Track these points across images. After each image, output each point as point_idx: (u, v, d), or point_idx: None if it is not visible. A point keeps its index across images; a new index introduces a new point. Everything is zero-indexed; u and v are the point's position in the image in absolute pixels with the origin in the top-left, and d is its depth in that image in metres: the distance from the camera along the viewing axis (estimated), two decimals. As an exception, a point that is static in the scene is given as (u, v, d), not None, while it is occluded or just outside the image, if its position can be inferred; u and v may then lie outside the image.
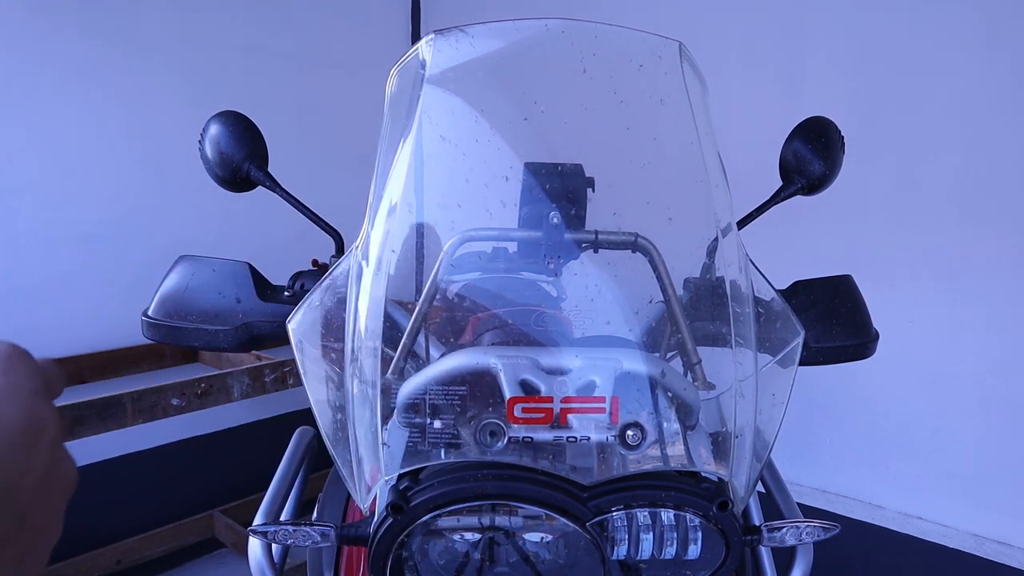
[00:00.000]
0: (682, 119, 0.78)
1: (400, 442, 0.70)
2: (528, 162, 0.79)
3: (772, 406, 0.77)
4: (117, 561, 2.32)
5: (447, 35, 0.77)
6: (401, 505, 0.65)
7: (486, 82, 0.79)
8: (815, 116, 0.98)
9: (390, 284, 0.73)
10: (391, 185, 0.75)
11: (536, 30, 0.79)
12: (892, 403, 2.08)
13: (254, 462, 2.67)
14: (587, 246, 0.79)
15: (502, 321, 0.80)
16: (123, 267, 2.35)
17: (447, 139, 0.77)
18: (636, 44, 0.80)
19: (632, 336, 0.76)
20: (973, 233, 1.90)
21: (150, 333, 0.89)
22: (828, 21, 2.08)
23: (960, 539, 1.98)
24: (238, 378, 2.08)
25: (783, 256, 2.13)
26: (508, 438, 0.68)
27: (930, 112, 1.93)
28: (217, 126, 0.93)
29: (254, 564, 0.83)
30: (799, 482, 2.26)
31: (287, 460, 1.01)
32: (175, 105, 2.42)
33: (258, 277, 0.90)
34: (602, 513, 0.67)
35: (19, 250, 2.13)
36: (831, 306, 0.92)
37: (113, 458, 2.36)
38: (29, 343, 0.41)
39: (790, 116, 1.03)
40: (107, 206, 2.31)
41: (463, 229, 0.76)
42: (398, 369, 0.73)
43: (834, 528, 0.74)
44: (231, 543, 2.50)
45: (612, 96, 0.80)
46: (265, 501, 0.91)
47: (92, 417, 1.77)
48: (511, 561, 0.70)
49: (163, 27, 2.39)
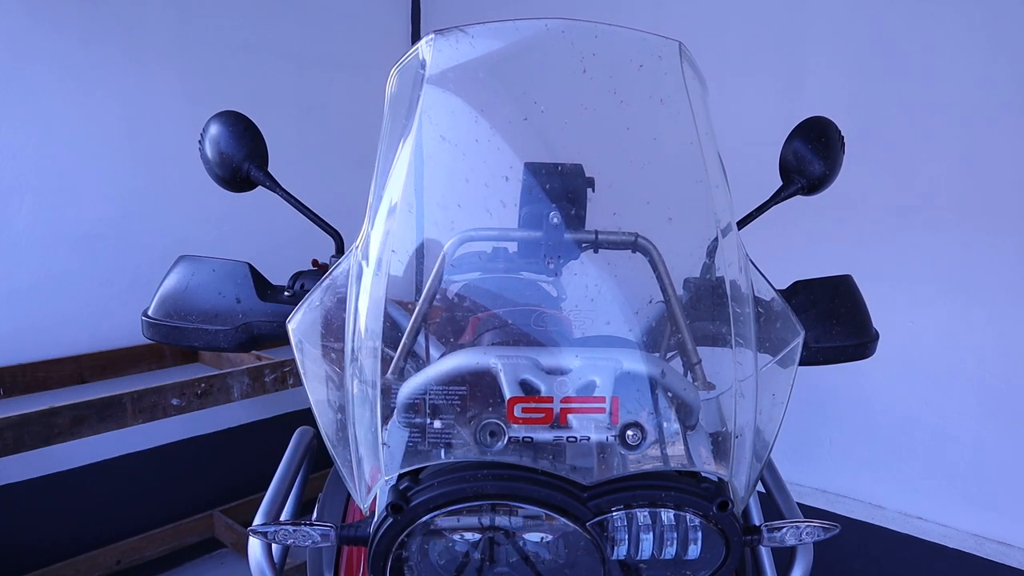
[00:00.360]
0: (682, 119, 0.78)
1: (400, 442, 0.70)
2: (528, 162, 0.78)
3: (772, 406, 0.77)
4: (117, 561, 2.32)
5: (447, 35, 0.77)
6: (401, 505, 0.65)
7: (486, 82, 0.79)
8: (815, 116, 0.98)
9: (390, 284, 0.73)
10: (391, 185, 0.75)
11: (536, 30, 0.79)
12: (892, 403, 2.08)
13: (254, 462, 2.68)
14: (587, 246, 0.79)
15: (502, 321, 0.80)
16: (123, 267, 2.35)
17: (447, 139, 0.77)
18: (636, 44, 0.80)
19: (632, 336, 0.76)
20: (973, 233, 1.90)
21: (150, 333, 0.89)
22: (828, 21, 2.08)
23: (960, 539, 1.98)
24: (238, 378, 2.08)
25: (783, 256, 2.13)
26: (508, 438, 0.68)
27: (930, 112, 1.93)
28: (217, 126, 0.93)
29: (254, 564, 0.83)
30: (799, 482, 2.26)
31: (287, 460, 1.01)
32: (175, 105, 2.42)
33: (258, 277, 0.90)
34: (602, 513, 0.67)
35: (19, 250, 2.13)
36: (831, 306, 0.93)
37: (113, 458, 2.37)
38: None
39: (790, 116, 1.03)
40: (107, 206, 2.31)
41: (463, 229, 0.76)
42: (398, 369, 0.73)
43: (834, 528, 0.74)
44: (231, 543, 2.50)
45: (612, 96, 0.80)
46: (265, 501, 0.91)
47: (92, 417, 1.77)
48: (511, 561, 0.70)
49: (163, 27, 2.39)
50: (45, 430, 1.69)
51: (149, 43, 2.36)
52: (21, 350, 2.13)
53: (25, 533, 2.19)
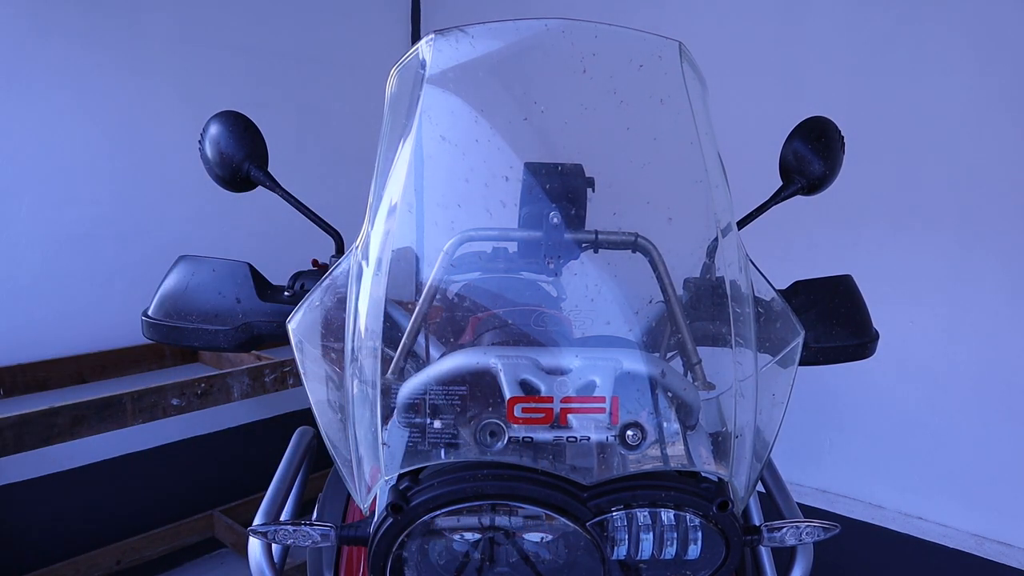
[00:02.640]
0: (682, 119, 0.78)
1: (400, 442, 0.70)
2: (528, 162, 0.78)
3: (772, 406, 0.77)
4: (117, 561, 2.32)
5: (447, 35, 0.77)
6: (401, 505, 0.65)
7: (486, 82, 0.79)
8: (815, 116, 0.98)
9: (390, 284, 0.73)
10: (391, 185, 0.75)
11: (536, 30, 0.78)
12: (892, 403, 2.08)
13: (254, 462, 2.68)
14: (587, 246, 0.79)
15: (502, 321, 0.79)
16: (123, 267, 2.35)
17: (447, 139, 0.77)
18: (636, 44, 0.80)
19: (632, 336, 0.76)
20: (973, 233, 1.90)
21: (150, 333, 0.89)
22: (828, 21, 2.08)
23: (960, 539, 1.98)
24: (238, 378, 2.08)
25: (783, 256, 2.13)
26: (508, 438, 0.68)
27: (930, 112, 1.93)
28: (217, 126, 0.93)
29: (254, 564, 0.83)
30: (799, 482, 2.26)
31: (287, 460, 1.01)
32: (175, 105, 2.42)
33: (258, 277, 0.90)
34: (602, 513, 0.67)
35: (19, 250, 2.13)
36: (831, 306, 0.92)
37: (113, 458, 2.37)
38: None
39: (790, 116, 1.03)
40: (107, 206, 2.31)
41: (463, 229, 0.76)
42: (398, 369, 0.73)
43: (834, 528, 0.74)
44: (231, 543, 2.50)
45: (612, 96, 0.80)
46: (265, 501, 0.91)
47: (92, 417, 1.77)
48: (511, 561, 0.70)
49: (163, 27, 2.39)
50: (45, 430, 1.69)
51: (149, 43, 2.36)
52: (21, 350, 2.13)
53: (25, 533, 2.19)
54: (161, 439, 2.48)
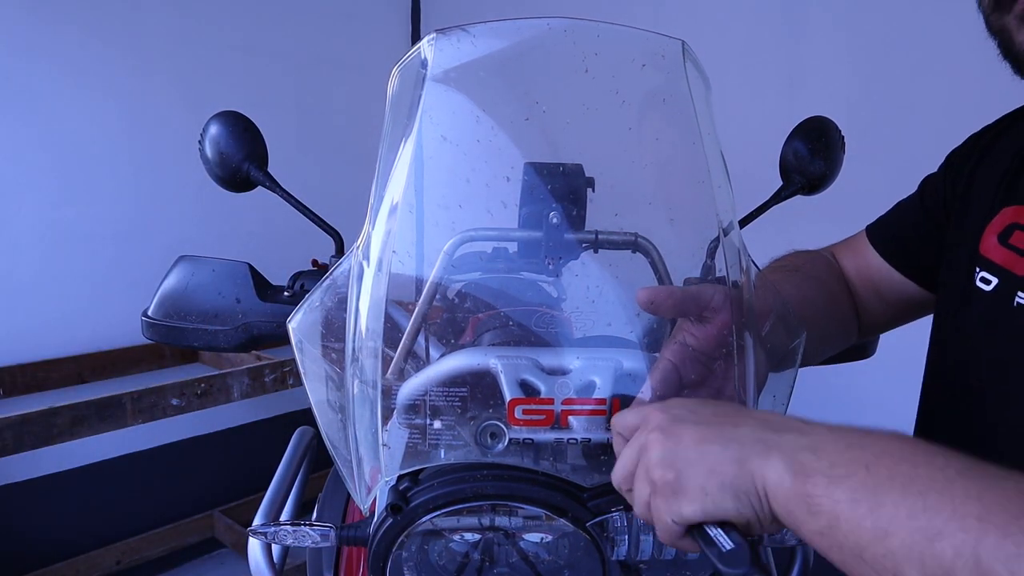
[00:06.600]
0: (685, 119, 0.77)
1: (400, 443, 0.70)
2: (529, 162, 0.78)
3: (772, 407, 0.77)
4: (117, 561, 2.32)
5: (449, 34, 0.77)
6: (401, 506, 0.65)
7: (488, 82, 0.79)
8: (815, 116, 0.98)
9: (391, 284, 0.72)
10: (392, 185, 0.75)
11: (538, 29, 0.78)
12: (892, 403, 2.08)
13: (254, 462, 2.67)
14: (587, 246, 0.79)
15: (502, 321, 0.79)
16: (123, 267, 2.35)
17: (448, 139, 0.76)
18: (639, 43, 0.80)
19: (633, 337, 0.76)
20: (974, 234, 1.89)
21: (150, 333, 0.89)
22: (829, 21, 2.08)
23: (960, 540, 1.98)
24: (238, 378, 2.08)
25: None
26: (508, 439, 0.68)
27: (930, 112, 1.93)
28: (217, 126, 0.93)
29: (254, 564, 0.83)
30: (799, 483, 2.26)
31: (287, 460, 1.01)
32: (175, 105, 2.42)
33: (258, 277, 0.90)
34: (602, 514, 0.67)
35: (19, 250, 2.13)
36: (832, 306, 0.92)
37: (113, 458, 2.37)
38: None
39: (790, 116, 1.03)
40: (107, 206, 2.31)
41: (463, 229, 0.76)
42: (398, 369, 0.73)
43: (835, 529, 0.74)
44: (231, 543, 2.50)
45: (614, 96, 0.80)
46: (265, 501, 0.91)
47: (92, 417, 1.77)
48: (511, 561, 0.70)
49: (163, 27, 2.39)
50: (45, 430, 1.69)
51: (150, 43, 2.36)
52: (21, 350, 2.13)
53: (25, 533, 2.19)
54: (161, 439, 2.48)
